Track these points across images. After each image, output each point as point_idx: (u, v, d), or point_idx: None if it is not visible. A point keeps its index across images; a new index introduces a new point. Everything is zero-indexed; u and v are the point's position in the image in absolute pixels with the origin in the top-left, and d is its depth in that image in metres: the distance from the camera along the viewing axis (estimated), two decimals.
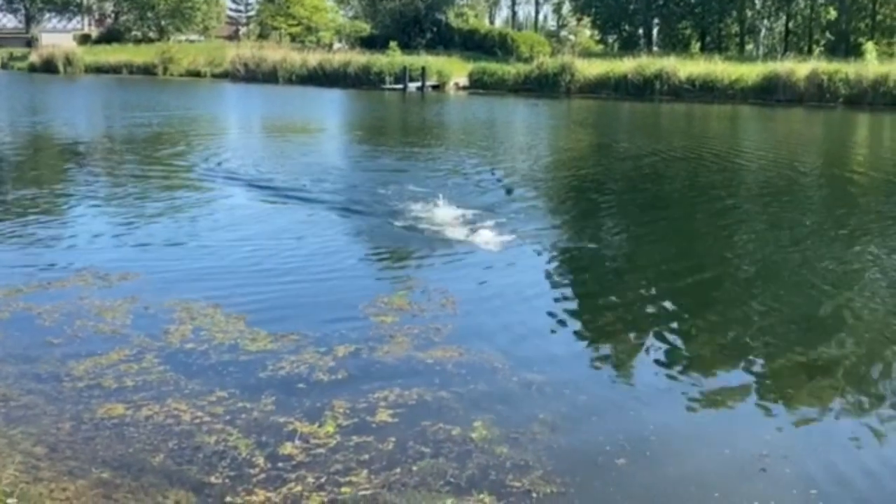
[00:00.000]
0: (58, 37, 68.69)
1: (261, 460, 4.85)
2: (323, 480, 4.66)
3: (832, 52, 50.67)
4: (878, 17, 58.57)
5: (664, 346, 6.97)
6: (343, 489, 4.58)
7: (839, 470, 4.94)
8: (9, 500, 4.39)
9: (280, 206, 12.51)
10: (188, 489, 4.56)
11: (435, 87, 45.25)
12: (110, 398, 5.64)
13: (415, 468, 4.82)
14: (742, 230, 11.94)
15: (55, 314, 7.27)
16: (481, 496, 4.54)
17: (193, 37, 68.77)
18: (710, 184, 16.38)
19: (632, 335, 7.32)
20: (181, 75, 53.96)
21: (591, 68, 42.93)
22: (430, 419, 5.40)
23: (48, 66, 56.49)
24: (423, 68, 45.21)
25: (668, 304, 8.05)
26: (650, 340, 7.12)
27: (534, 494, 4.58)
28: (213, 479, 4.65)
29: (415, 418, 5.42)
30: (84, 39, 68.87)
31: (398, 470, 4.79)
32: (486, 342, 6.83)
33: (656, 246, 10.30)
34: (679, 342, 7.10)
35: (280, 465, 4.81)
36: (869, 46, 42.57)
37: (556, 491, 4.62)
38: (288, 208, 12.36)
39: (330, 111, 35.22)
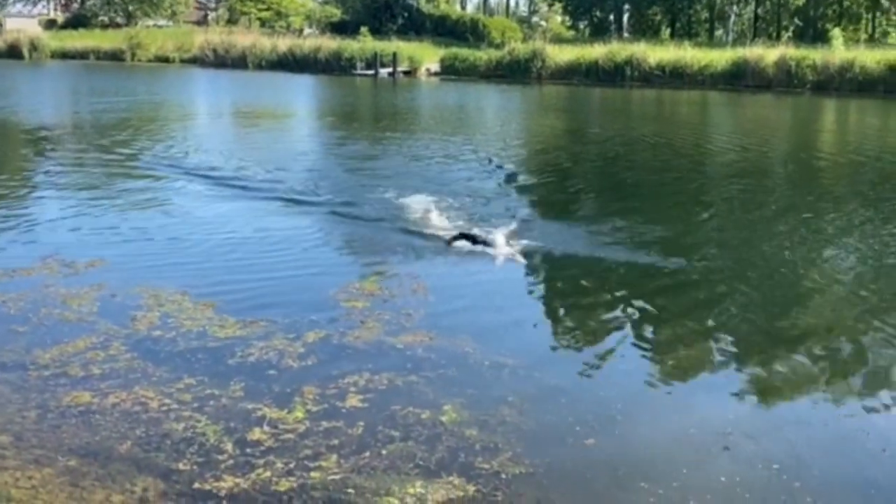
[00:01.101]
0: (23, 22, 67.36)
1: (229, 446, 4.84)
2: (292, 466, 4.66)
3: (800, 38, 51.16)
4: (845, 4, 59.28)
5: (632, 329, 7.03)
6: (312, 474, 4.58)
7: (800, 448, 5.03)
8: None
9: (250, 194, 12.39)
10: (156, 476, 4.54)
11: (406, 73, 45.10)
12: (77, 386, 5.59)
13: (384, 452, 4.83)
14: (710, 213, 12.07)
15: (20, 302, 7.18)
16: (450, 478, 4.56)
17: (161, 22, 67.83)
18: (679, 168, 16.51)
19: (600, 318, 7.38)
20: (149, 61, 53.26)
21: (562, 54, 43.01)
22: (400, 403, 5.42)
23: (13, 52, 55.36)
24: (395, 54, 45.04)
25: (635, 288, 8.12)
26: (618, 323, 7.18)
27: (503, 476, 4.62)
28: (181, 466, 4.63)
29: (385, 403, 5.43)
30: (50, 24, 67.65)
31: (368, 454, 4.80)
32: (457, 327, 6.85)
33: (626, 230, 10.37)
34: (646, 325, 7.16)
35: (249, 451, 4.80)
36: (836, 32, 43.16)
37: (525, 472, 4.66)
38: (258, 196, 12.24)
39: (300, 97, 34.97)
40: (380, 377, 5.79)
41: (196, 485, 4.46)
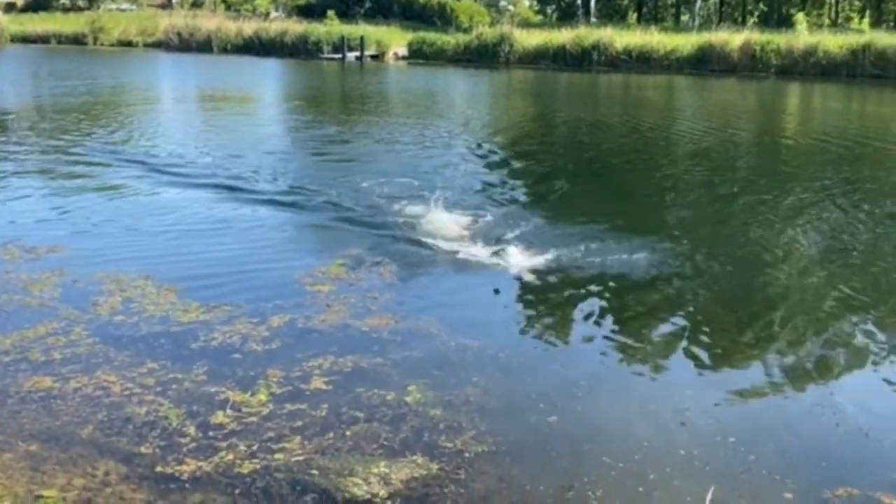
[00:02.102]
0: None
1: (192, 430, 4.83)
2: (255, 448, 4.66)
3: (765, 22, 51.54)
4: None
5: (595, 310, 7.11)
6: (276, 456, 4.59)
7: (756, 422, 5.15)
8: None
9: (214, 179, 12.27)
10: (118, 460, 4.52)
11: (374, 57, 44.82)
12: (38, 371, 5.53)
13: (348, 433, 4.85)
14: (674, 195, 12.19)
15: None
16: (414, 457, 4.60)
17: (125, 5, 66.54)
18: (645, 151, 16.63)
19: (565, 299, 7.44)
20: (112, 45, 52.34)
21: (529, 39, 42.97)
22: (364, 385, 5.44)
23: None
24: (362, 38, 44.72)
25: (599, 269, 8.19)
26: (582, 303, 7.25)
27: (466, 454, 4.66)
28: (143, 450, 4.62)
29: (349, 385, 5.45)
30: (9, 8, 66.02)
31: (331, 435, 4.81)
32: (423, 309, 6.88)
33: (590, 212, 10.46)
34: (608, 305, 7.24)
35: (211, 434, 4.79)
36: (800, 17, 43.58)
37: (488, 449, 4.71)
38: (222, 181, 12.13)
39: (266, 81, 34.61)
40: (345, 360, 5.80)
41: (158, 468, 4.45)
